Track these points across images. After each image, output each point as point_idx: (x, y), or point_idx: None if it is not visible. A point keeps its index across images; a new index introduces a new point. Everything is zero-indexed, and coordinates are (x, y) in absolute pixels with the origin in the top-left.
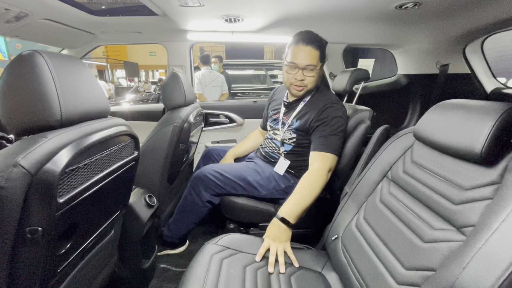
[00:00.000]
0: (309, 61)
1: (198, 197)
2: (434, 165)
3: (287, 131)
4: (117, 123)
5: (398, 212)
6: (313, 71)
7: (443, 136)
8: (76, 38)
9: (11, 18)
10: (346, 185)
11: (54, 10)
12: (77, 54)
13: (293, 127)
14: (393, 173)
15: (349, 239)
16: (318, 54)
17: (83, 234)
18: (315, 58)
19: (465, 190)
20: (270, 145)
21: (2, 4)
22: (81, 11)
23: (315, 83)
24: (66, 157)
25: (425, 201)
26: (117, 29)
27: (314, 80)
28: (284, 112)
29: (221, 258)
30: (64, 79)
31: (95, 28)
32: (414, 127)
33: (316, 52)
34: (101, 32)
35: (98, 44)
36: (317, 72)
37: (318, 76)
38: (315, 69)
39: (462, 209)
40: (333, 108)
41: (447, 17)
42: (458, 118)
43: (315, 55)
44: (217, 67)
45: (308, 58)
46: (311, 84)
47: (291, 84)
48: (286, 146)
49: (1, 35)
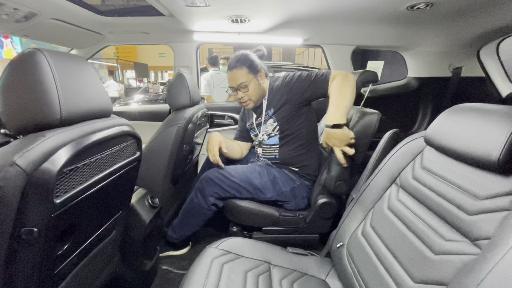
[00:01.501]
0: (238, 81)
1: (204, 201)
2: (446, 172)
3: (267, 125)
4: (119, 123)
5: (407, 221)
6: (247, 87)
7: (456, 142)
8: (85, 38)
9: (21, 18)
10: (353, 190)
11: (63, 10)
12: (86, 54)
13: (270, 116)
14: (402, 179)
15: (354, 247)
16: (245, 71)
17: (82, 235)
18: (243, 76)
19: (480, 200)
20: (264, 152)
21: (11, 4)
22: (89, 12)
23: (255, 92)
24: (64, 157)
25: (436, 210)
26: (124, 29)
27: (253, 92)
28: (256, 117)
29: (222, 262)
30: (65, 78)
31: (103, 29)
32: (425, 131)
33: (240, 71)
34: (109, 33)
35: (106, 44)
36: (253, 84)
37: (255, 86)
38: (249, 84)
39: (476, 220)
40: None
41: (460, 18)
42: (473, 123)
43: (241, 74)
44: (226, 69)
45: (236, 80)
46: (253, 95)
47: (240, 104)
48: (272, 139)
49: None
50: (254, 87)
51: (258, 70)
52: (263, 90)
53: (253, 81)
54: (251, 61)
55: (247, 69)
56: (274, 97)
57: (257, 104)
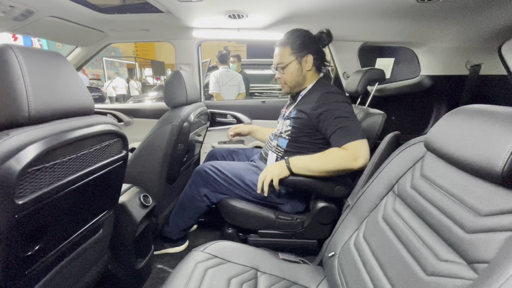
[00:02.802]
0: (277, 60)
1: (196, 191)
2: (447, 182)
3: (285, 123)
4: (99, 122)
5: (401, 234)
6: (284, 68)
7: (457, 148)
8: (87, 35)
9: (18, 16)
10: (349, 196)
11: (60, 8)
12: (90, 52)
13: (290, 117)
14: (399, 187)
15: (345, 258)
16: (287, 51)
17: (58, 235)
18: (283, 55)
19: (481, 216)
20: (268, 143)
21: (7, 1)
22: (87, 9)
23: (292, 77)
24: (29, 156)
25: (432, 224)
26: (125, 26)
27: (290, 76)
28: (287, 105)
29: (206, 267)
30: (37, 75)
31: (104, 26)
32: (425, 135)
33: (283, 49)
34: (110, 30)
35: (108, 42)
36: (292, 67)
37: (294, 70)
38: (288, 66)
39: (475, 239)
40: (331, 95)
41: (479, 10)
42: (478, 127)
43: (282, 53)
44: (235, 67)
45: (276, 57)
46: (288, 81)
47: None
48: (282, 140)
49: (12, 32)
50: (292, 71)
51: (304, 54)
52: (304, 79)
53: (293, 64)
54: (300, 41)
55: (291, 49)
56: (305, 101)
57: (293, 92)
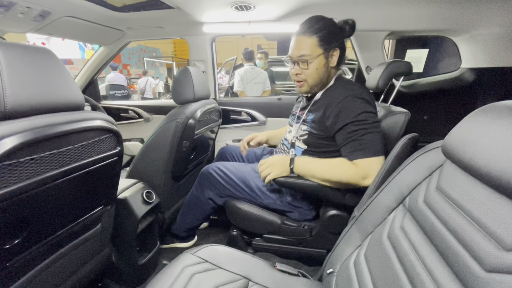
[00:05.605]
0: (299, 51)
1: (202, 193)
2: (466, 199)
3: (300, 127)
4: (88, 117)
5: (405, 260)
6: (307, 63)
7: (483, 157)
8: (106, 34)
9: (36, 16)
10: (356, 207)
11: (75, 7)
12: (112, 50)
13: (306, 121)
14: (411, 201)
15: (343, 278)
16: (315, 41)
17: (42, 229)
18: (308, 47)
19: (506, 250)
20: (281, 148)
21: (23, 3)
22: (103, 8)
23: (316, 74)
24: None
25: (443, 251)
26: (140, 24)
27: (314, 73)
28: (302, 106)
29: (193, 272)
30: (17, 70)
31: (121, 25)
32: (443, 140)
33: (309, 39)
34: (127, 28)
35: (128, 40)
36: (318, 62)
37: (320, 66)
38: (311, 59)
39: (493, 281)
40: (352, 100)
41: None
42: (505, 130)
43: (308, 44)
44: (262, 63)
45: (298, 48)
46: (310, 78)
47: (294, 81)
48: (297, 149)
49: (33, 33)
50: (318, 67)
51: (333, 47)
52: (326, 77)
53: (319, 59)
54: (328, 31)
55: (319, 40)
56: (323, 104)
57: (312, 91)
